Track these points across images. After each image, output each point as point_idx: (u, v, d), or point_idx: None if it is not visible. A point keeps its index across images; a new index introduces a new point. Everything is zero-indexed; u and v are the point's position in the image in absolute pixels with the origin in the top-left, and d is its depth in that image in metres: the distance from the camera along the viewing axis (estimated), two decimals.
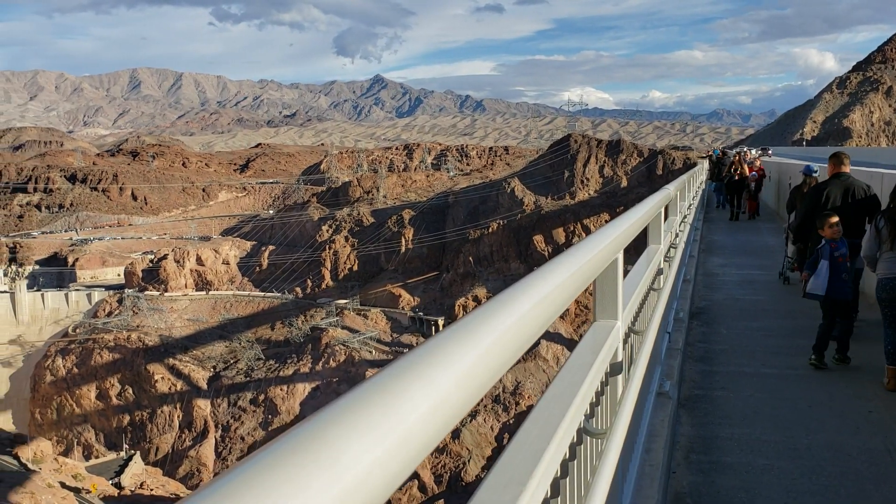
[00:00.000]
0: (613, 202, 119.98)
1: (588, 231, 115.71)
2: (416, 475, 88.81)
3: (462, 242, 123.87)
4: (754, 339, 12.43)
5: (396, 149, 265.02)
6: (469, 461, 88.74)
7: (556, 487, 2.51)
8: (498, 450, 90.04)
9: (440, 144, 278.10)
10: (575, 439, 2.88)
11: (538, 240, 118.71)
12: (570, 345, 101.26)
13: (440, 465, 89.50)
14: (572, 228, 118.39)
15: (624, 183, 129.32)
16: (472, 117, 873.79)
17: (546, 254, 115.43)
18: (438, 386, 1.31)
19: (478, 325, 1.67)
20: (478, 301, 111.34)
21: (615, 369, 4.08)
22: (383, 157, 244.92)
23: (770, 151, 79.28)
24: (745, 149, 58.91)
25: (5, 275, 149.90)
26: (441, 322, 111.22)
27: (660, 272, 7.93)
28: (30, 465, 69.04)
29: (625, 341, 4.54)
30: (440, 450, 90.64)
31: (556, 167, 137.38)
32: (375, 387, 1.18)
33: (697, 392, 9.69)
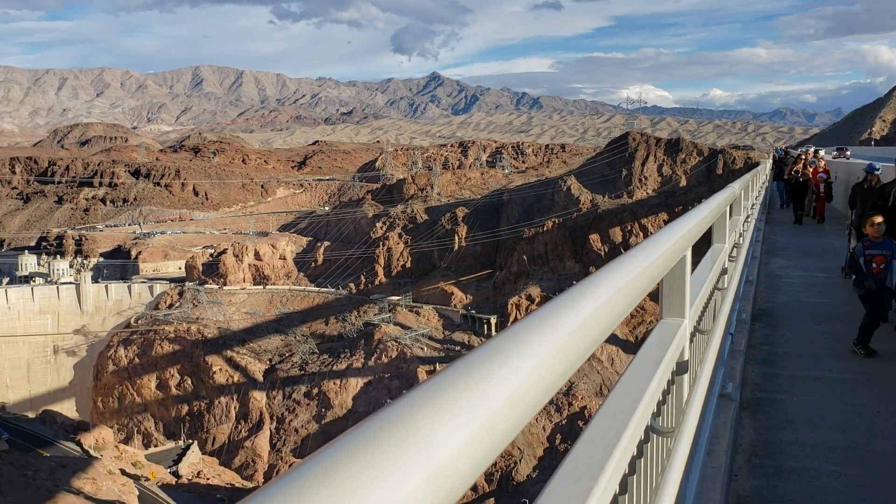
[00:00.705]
0: (672, 202, 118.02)
1: (646, 231, 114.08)
2: None
3: (516, 241, 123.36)
4: (819, 343, 12.07)
5: (451, 146, 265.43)
6: (520, 461, 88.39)
7: (624, 485, 2.50)
8: (550, 450, 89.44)
9: (495, 142, 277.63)
10: (643, 437, 2.86)
11: (594, 239, 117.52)
12: (626, 346, 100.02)
13: (491, 464, 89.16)
14: (630, 228, 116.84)
15: (683, 182, 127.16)
16: (529, 115, 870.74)
17: (602, 253, 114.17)
18: (519, 372, 1.36)
19: (555, 315, 1.73)
20: (531, 300, 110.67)
21: (681, 368, 3.99)
22: (438, 155, 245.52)
23: (848, 152, 71.98)
24: (810, 148, 55.94)
25: (71, 266, 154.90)
26: (493, 320, 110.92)
27: (724, 271, 7.74)
28: (92, 452, 71.17)
29: (690, 340, 4.44)
30: None
31: (614, 165, 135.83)
32: (460, 372, 1.23)
33: (760, 395, 9.44)
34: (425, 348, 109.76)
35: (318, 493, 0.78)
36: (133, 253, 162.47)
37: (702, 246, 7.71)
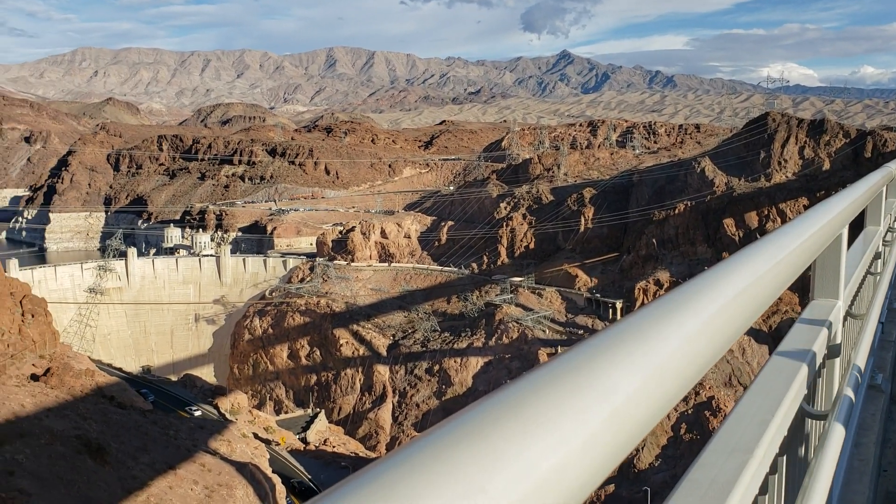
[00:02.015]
0: (813, 186, 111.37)
1: (784, 216, 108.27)
2: None
3: (645, 223, 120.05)
4: None
5: (580, 125, 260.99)
6: (642, 449, 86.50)
7: (775, 464, 2.50)
8: (674, 440, 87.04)
9: (626, 121, 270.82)
10: (794, 418, 2.87)
11: (728, 223, 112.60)
12: (758, 335, 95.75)
13: None
14: (766, 213, 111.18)
15: (826, 165, 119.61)
16: (662, 93, 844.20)
17: (737, 238, 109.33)
18: (686, 329, 1.44)
19: (719, 280, 1.79)
20: (660, 285, 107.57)
21: (833, 351, 3.75)
22: (566, 134, 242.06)
23: None
24: None
25: (212, 240, 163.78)
26: (619, 305, 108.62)
27: (877, 256, 7.13)
28: (227, 416, 75.21)
29: (843, 323, 4.09)
30: None
31: (752, 147, 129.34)
32: (631, 325, 1.29)
33: None
34: (547, 330, 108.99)
35: (512, 421, 0.88)
36: (269, 228, 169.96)
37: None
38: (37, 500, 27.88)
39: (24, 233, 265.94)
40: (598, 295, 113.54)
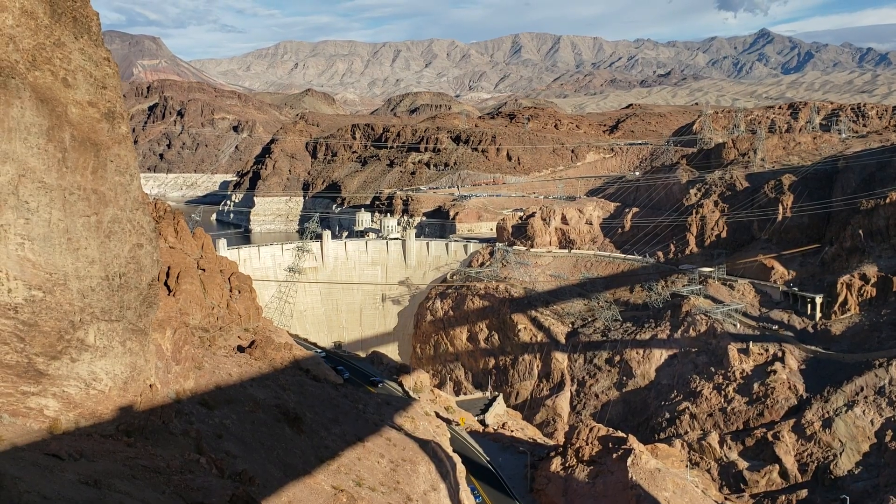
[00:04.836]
0: None
1: None
2: (777, 459, 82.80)
3: (851, 213, 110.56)
4: None
5: (779, 108, 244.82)
6: (841, 454, 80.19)
7: None
8: (877, 447, 79.89)
9: (831, 103, 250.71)
10: None
11: None
12: None
13: (806, 454, 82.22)
14: None
15: None
16: (874, 72, 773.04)
17: None
18: None
19: None
20: (866, 280, 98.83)
21: None
22: (763, 117, 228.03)
23: None
24: None
25: (398, 224, 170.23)
26: (819, 300, 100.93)
27: None
28: (411, 393, 77.84)
29: None
30: (808, 437, 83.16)
31: None
32: None
33: None
34: (738, 324, 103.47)
35: None
36: (451, 213, 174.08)
37: None
38: (241, 462, 30.26)
39: (231, 215, 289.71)
40: (796, 289, 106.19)
